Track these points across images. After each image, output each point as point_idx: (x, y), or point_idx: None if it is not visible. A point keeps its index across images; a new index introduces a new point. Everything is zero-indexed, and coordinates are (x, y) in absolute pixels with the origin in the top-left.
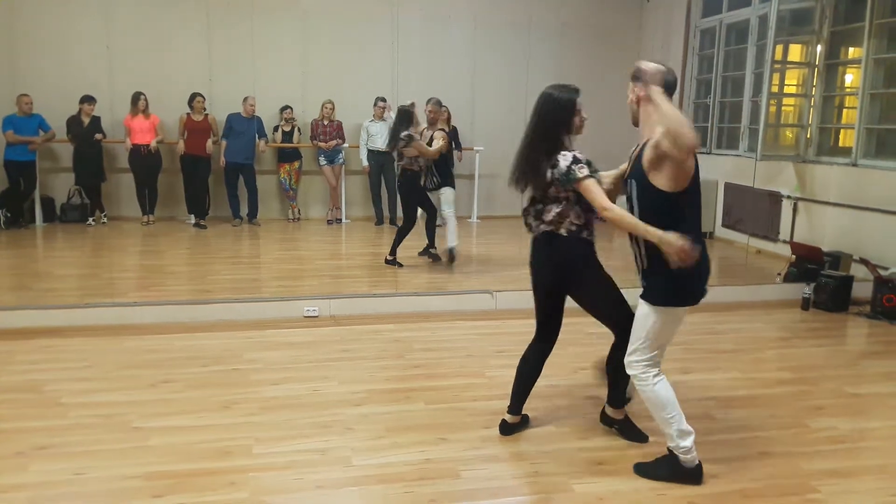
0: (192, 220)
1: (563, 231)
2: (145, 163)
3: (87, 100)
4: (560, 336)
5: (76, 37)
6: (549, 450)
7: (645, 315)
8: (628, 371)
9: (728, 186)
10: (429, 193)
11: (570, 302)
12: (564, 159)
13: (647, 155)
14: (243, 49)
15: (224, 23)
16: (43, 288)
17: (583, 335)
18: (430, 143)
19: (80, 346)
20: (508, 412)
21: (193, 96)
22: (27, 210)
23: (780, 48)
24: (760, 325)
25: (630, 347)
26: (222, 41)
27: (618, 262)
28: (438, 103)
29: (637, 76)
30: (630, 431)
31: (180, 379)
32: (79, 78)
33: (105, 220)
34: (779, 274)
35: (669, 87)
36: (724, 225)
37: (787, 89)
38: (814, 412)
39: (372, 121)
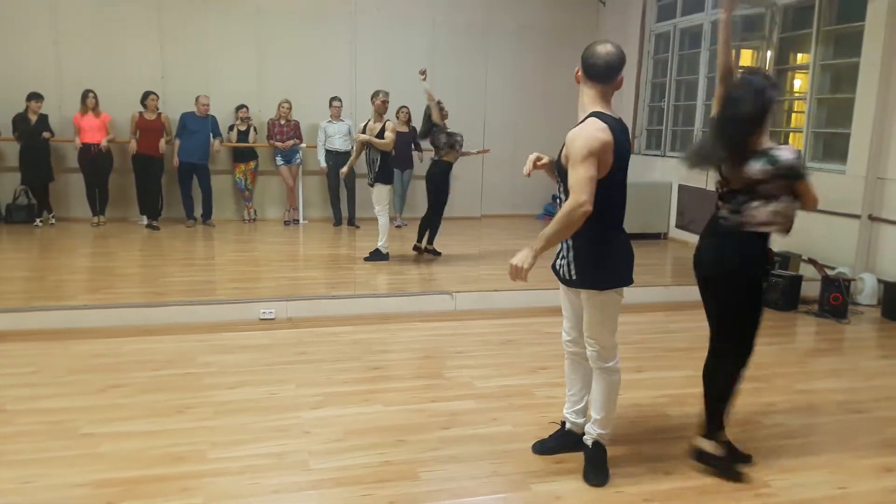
0: (145, 222)
1: None
2: (95, 162)
3: (35, 97)
4: (516, 336)
5: (22, 31)
6: (507, 450)
7: (592, 307)
8: (603, 365)
9: (681, 188)
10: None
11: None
12: None
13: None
14: (197, 46)
15: (177, 19)
16: None
17: (540, 334)
18: (380, 136)
19: (26, 350)
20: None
21: (146, 94)
22: None
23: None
24: None
25: (594, 344)
26: (175, 38)
27: None
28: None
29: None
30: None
31: (131, 383)
32: (25, 74)
33: (53, 220)
34: None
35: (595, 74)
36: (678, 226)
37: None
38: (765, 408)
39: (329, 121)
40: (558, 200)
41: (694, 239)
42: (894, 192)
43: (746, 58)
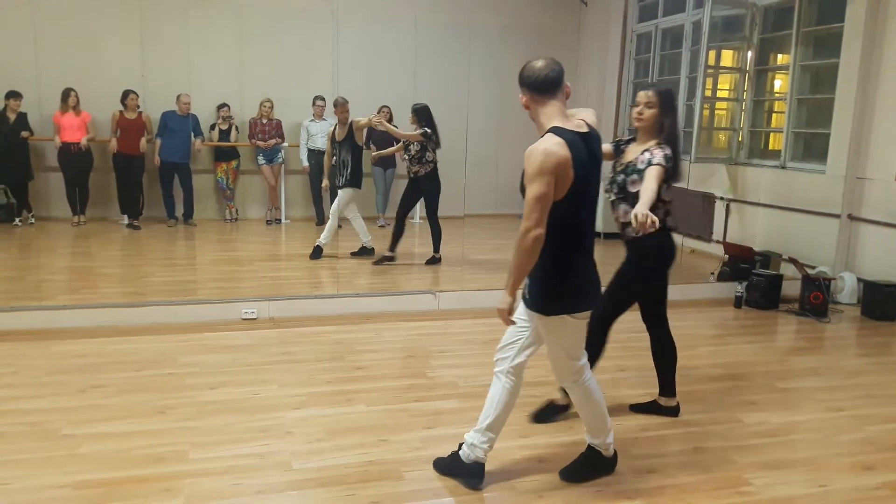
0: (125, 221)
1: None
2: (76, 161)
3: (13, 95)
4: (500, 335)
5: (0, 27)
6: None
7: (544, 333)
8: (564, 383)
9: None
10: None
11: None
12: None
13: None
14: (178, 45)
15: (158, 17)
16: None
17: None
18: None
19: (5, 351)
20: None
21: (126, 93)
22: None
23: (713, 53)
24: (694, 322)
25: (556, 372)
26: (156, 36)
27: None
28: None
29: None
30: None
31: (112, 384)
32: (4, 71)
33: (32, 220)
34: (712, 273)
35: (542, 87)
36: None
37: (719, 93)
38: (747, 407)
39: (312, 120)
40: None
41: (676, 238)
42: (874, 192)
43: (728, 58)
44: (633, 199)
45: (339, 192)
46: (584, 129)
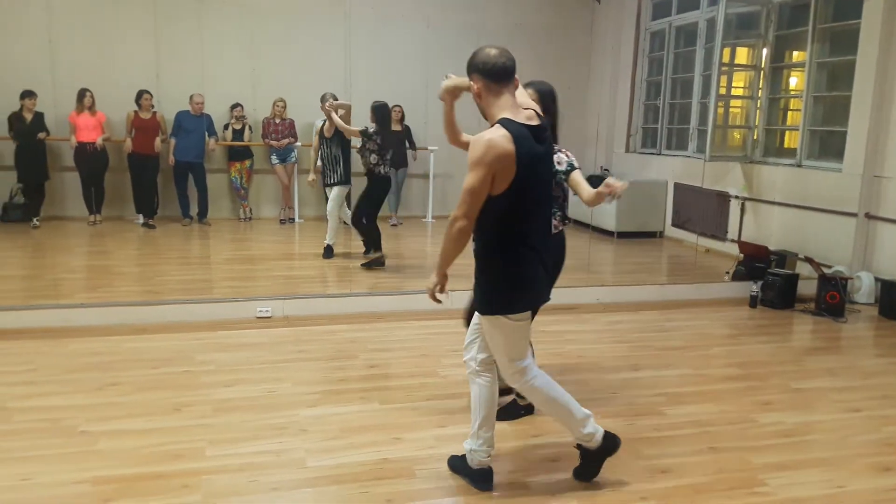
0: (141, 220)
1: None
2: (91, 161)
3: (28, 95)
4: None
5: (17, 30)
6: (503, 448)
7: (485, 332)
8: (514, 384)
9: (677, 186)
10: (326, 189)
11: None
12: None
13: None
14: (192, 45)
15: (171, 17)
16: None
17: (536, 333)
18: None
19: (24, 349)
20: None
21: (140, 93)
22: None
23: (727, 51)
24: (709, 322)
25: (501, 368)
26: (170, 37)
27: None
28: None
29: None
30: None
31: (129, 381)
32: (21, 73)
33: (37, 223)
34: (727, 272)
35: (497, 74)
36: (674, 224)
37: (734, 91)
38: (762, 407)
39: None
40: None
41: (691, 237)
42: (891, 190)
43: (742, 56)
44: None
45: (333, 189)
46: (535, 122)
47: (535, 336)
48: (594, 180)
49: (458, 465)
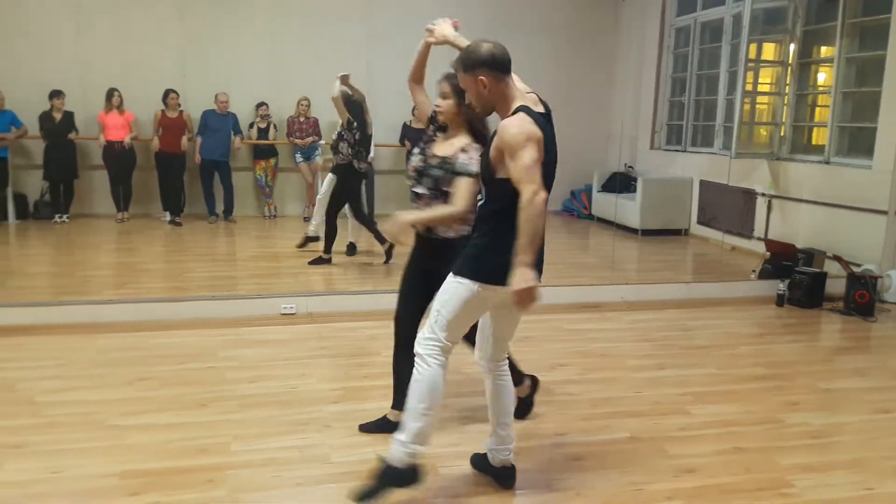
0: (167, 218)
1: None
2: (119, 159)
3: (56, 94)
4: (534, 333)
5: (48, 31)
6: (526, 446)
7: (447, 289)
8: (417, 349)
9: (703, 184)
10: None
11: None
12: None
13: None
14: (218, 45)
15: (198, 18)
16: (16, 285)
17: (559, 331)
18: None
19: (54, 344)
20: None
21: (167, 93)
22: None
23: (753, 47)
24: (735, 321)
25: (426, 325)
26: (197, 37)
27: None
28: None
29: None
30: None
31: (156, 377)
32: (51, 73)
33: (66, 219)
34: (753, 271)
35: (504, 66)
36: (700, 222)
37: (760, 87)
38: (789, 407)
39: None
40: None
41: (716, 235)
42: None
43: (769, 51)
44: (444, 197)
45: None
46: (542, 109)
47: (558, 333)
48: (619, 178)
49: (480, 463)
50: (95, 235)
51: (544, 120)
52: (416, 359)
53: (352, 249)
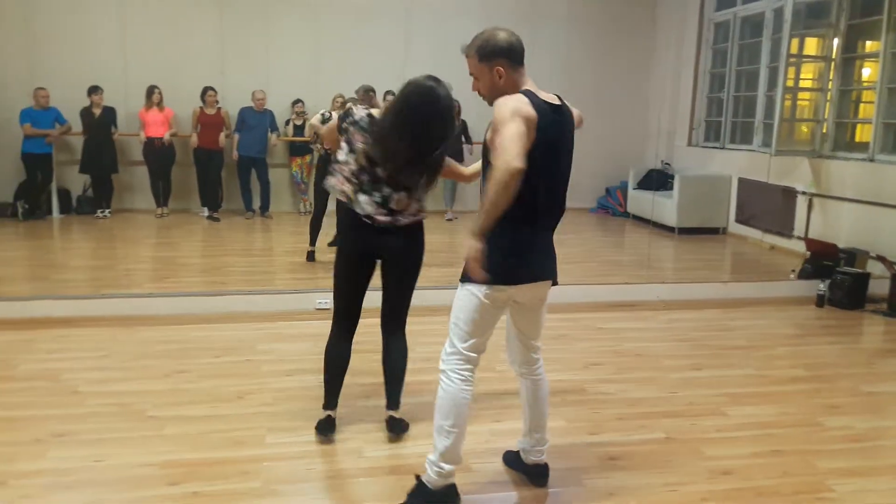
0: (206, 213)
1: None
2: (159, 155)
3: (94, 90)
4: (567, 331)
5: (91, 30)
6: (559, 444)
7: (458, 296)
8: (441, 366)
9: (742, 181)
10: None
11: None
12: None
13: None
14: (256, 43)
15: (237, 16)
16: (60, 278)
17: (593, 330)
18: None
19: (96, 335)
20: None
21: (205, 90)
22: (44, 202)
23: (795, 41)
24: (773, 321)
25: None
26: (235, 35)
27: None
28: (367, 91)
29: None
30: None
31: (194, 369)
32: (94, 71)
33: (108, 214)
34: (793, 270)
35: (519, 55)
36: (738, 220)
37: (802, 83)
38: (828, 410)
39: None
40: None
41: (755, 234)
42: None
43: (811, 46)
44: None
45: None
46: (557, 102)
47: (591, 332)
48: (656, 175)
49: (512, 461)
50: (136, 230)
51: (548, 107)
52: (440, 375)
53: None
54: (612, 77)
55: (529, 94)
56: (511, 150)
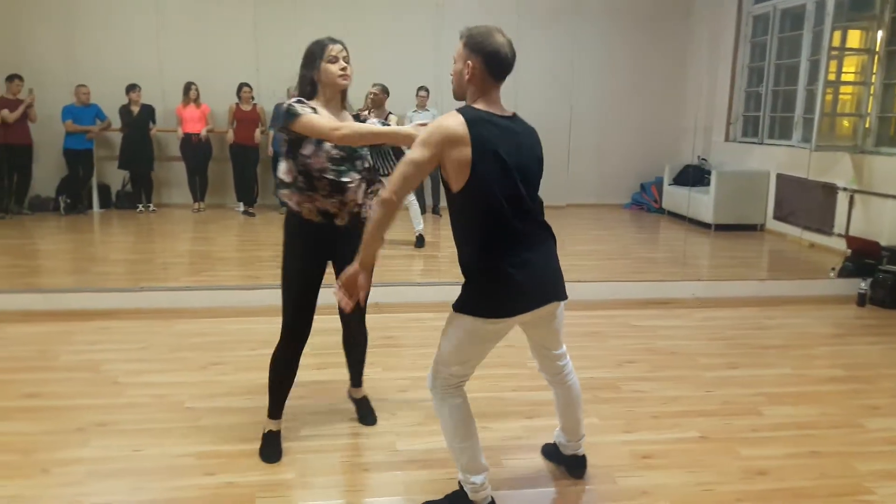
0: (241, 208)
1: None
2: (196, 151)
3: (132, 88)
4: (601, 329)
5: (130, 28)
6: (593, 442)
7: (447, 324)
8: (428, 385)
9: (780, 177)
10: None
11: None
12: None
13: None
14: (290, 40)
15: (271, 13)
16: (99, 272)
17: (626, 327)
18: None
19: (135, 328)
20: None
21: (241, 86)
22: (85, 196)
23: (838, 34)
24: (812, 320)
25: (433, 360)
26: (269, 32)
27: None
28: (384, 89)
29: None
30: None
31: (230, 361)
32: (133, 68)
33: (153, 208)
34: (833, 268)
35: (495, 65)
36: (776, 217)
37: (844, 77)
38: (869, 411)
39: (415, 110)
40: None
41: (794, 231)
42: None
43: (854, 39)
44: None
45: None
46: (509, 113)
47: (624, 329)
48: (692, 171)
49: (551, 453)
50: (173, 224)
51: (501, 121)
52: (432, 398)
53: (420, 241)
54: (648, 71)
55: (467, 111)
56: (394, 183)
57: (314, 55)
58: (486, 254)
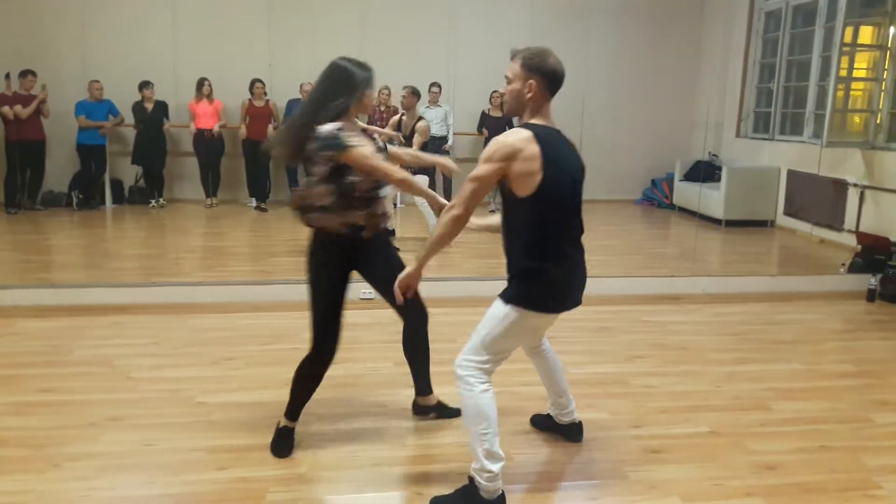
0: (254, 204)
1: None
2: (209, 147)
3: (145, 85)
4: (611, 324)
5: (143, 24)
6: (602, 436)
7: (492, 314)
8: (457, 371)
9: (791, 173)
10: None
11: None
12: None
13: None
14: (303, 36)
15: (284, 8)
16: (113, 267)
17: (637, 322)
18: (412, 131)
19: (148, 323)
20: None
21: (253, 82)
22: (98, 192)
23: (849, 30)
24: (822, 316)
25: (467, 345)
26: (282, 28)
27: None
28: (414, 91)
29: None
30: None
31: (242, 356)
32: (146, 64)
33: (164, 203)
34: (843, 264)
35: (553, 82)
36: (787, 213)
37: (856, 73)
38: (878, 407)
39: (428, 107)
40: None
41: (804, 227)
42: None
43: (866, 35)
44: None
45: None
46: (557, 127)
47: (635, 325)
48: (703, 166)
49: (544, 422)
50: (185, 220)
51: (559, 137)
52: (457, 381)
53: None
54: (660, 67)
55: (535, 128)
56: (464, 196)
57: (357, 83)
58: (543, 252)
